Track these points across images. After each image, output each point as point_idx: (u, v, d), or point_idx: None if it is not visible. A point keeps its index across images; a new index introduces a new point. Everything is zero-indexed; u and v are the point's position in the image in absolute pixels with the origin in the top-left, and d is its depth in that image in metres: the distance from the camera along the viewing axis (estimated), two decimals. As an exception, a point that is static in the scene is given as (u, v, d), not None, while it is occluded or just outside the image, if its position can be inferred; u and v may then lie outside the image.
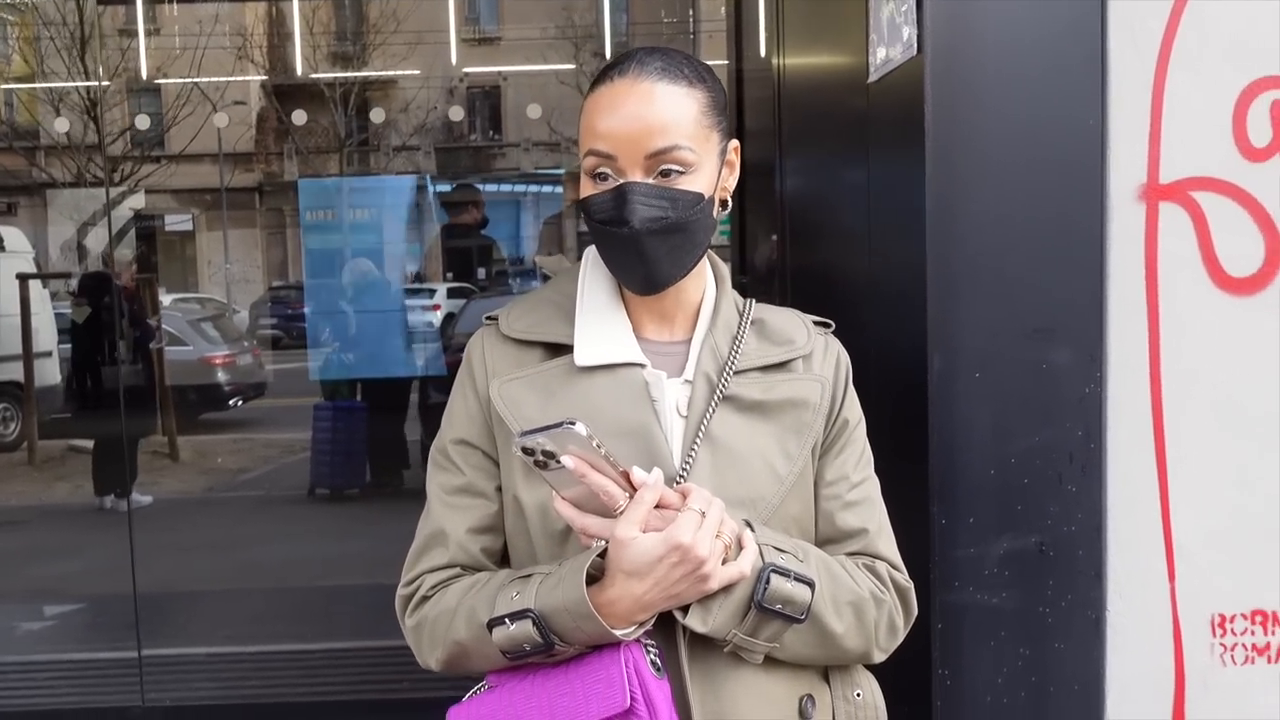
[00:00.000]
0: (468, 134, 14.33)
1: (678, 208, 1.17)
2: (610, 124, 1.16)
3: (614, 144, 1.16)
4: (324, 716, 3.27)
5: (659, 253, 1.17)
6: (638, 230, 1.15)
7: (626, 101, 1.16)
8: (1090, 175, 1.72)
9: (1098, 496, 1.76)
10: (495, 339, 1.27)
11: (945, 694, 1.76)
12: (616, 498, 1.09)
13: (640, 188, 1.15)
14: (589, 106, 1.19)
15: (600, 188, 1.18)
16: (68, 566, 5.01)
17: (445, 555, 1.24)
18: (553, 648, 1.12)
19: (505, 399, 1.21)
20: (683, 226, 1.18)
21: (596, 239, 1.22)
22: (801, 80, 2.56)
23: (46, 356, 7.72)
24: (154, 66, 9.76)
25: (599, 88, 1.19)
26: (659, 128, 1.15)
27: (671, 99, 1.16)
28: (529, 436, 1.06)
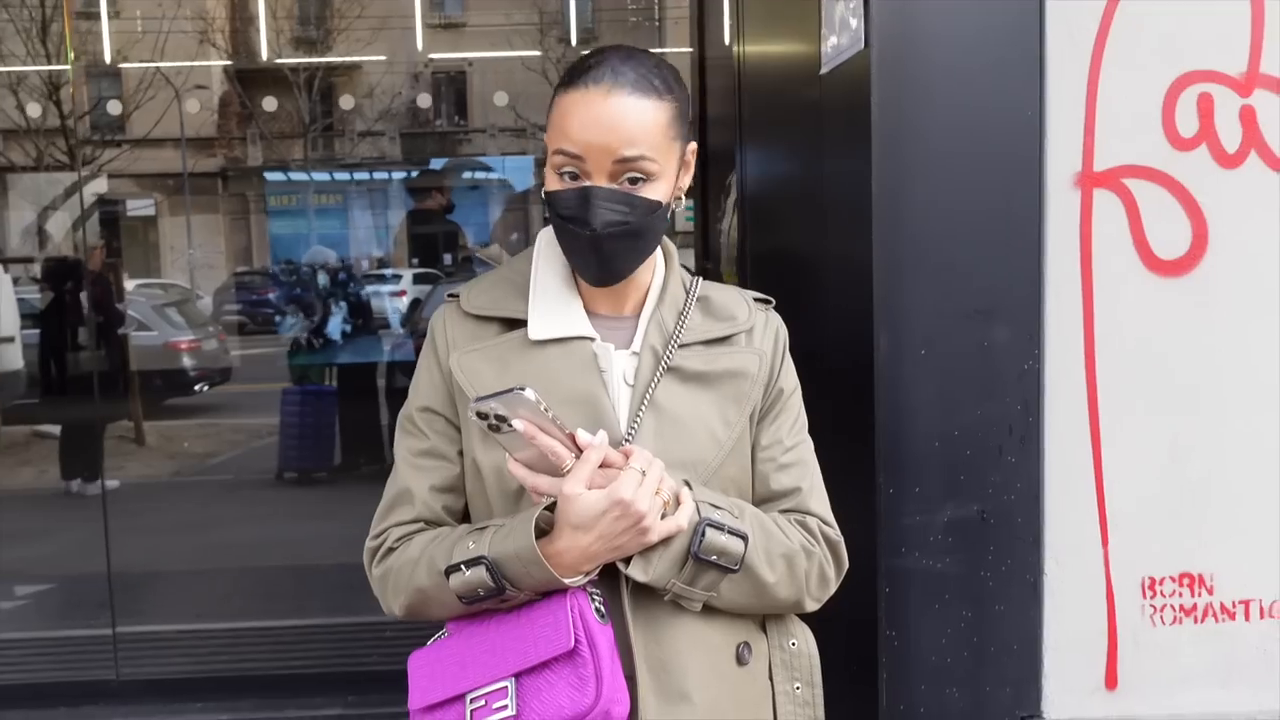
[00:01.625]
0: (433, 119, 14.27)
1: (636, 213, 1.25)
2: (582, 130, 1.23)
3: (584, 149, 1.23)
4: (294, 689, 3.32)
5: (615, 252, 1.26)
6: (598, 233, 1.23)
7: (599, 111, 1.23)
8: (1028, 164, 1.82)
9: (1036, 467, 1.86)
10: (456, 315, 1.36)
11: (892, 653, 1.86)
12: (564, 458, 1.18)
13: (603, 192, 1.23)
14: (562, 106, 1.26)
15: (566, 185, 1.26)
16: (38, 549, 5.02)
17: (411, 512, 1.33)
18: (504, 592, 1.21)
19: (464, 369, 1.30)
20: (639, 231, 1.27)
21: (558, 230, 1.30)
22: (760, 69, 2.64)
23: (9, 342, 7.67)
24: (116, 50, 9.65)
25: (572, 91, 1.25)
26: (627, 140, 1.23)
27: (642, 113, 1.24)
28: (483, 402, 1.15)
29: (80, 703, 3.29)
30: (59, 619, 4.20)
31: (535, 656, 1.19)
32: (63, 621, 4.12)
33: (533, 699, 1.18)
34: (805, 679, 1.38)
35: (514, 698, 1.19)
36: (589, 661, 1.18)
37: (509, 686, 1.20)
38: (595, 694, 1.16)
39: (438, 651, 1.27)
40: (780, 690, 1.36)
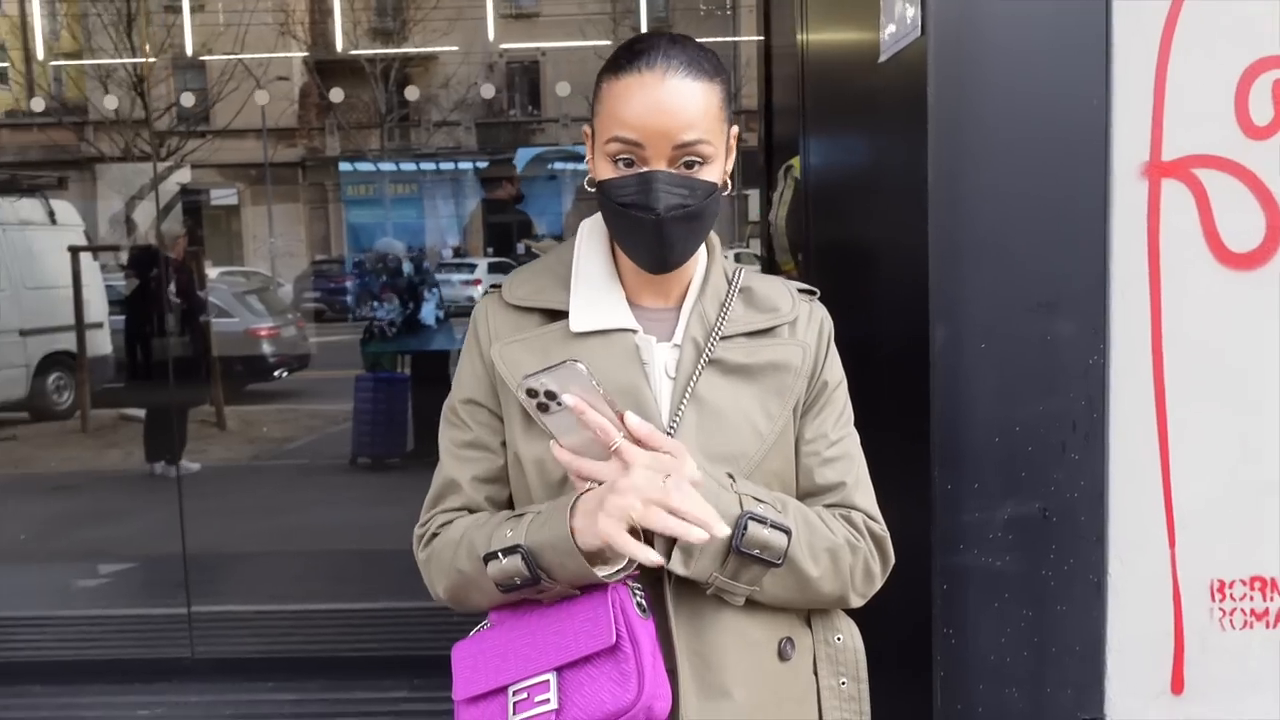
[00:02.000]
0: (507, 109, 14.36)
1: (696, 196, 1.24)
2: (640, 115, 1.22)
3: (643, 134, 1.22)
4: (361, 671, 3.39)
5: (676, 237, 1.25)
6: (662, 217, 1.22)
7: (657, 95, 1.22)
8: (1094, 153, 1.77)
9: (1100, 464, 1.82)
10: (498, 306, 1.36)
11: (949, 652, 1.83)
12: (612, 435, 1.17)
13: (664, 176, 1.23)
14: (614, 92, 1.25)
15: (622, 172, 1.25)
16: (120, 529, 5.19)
17: (457, 501, 1.34)
18: (539, 581, 1.21)
19: (505, 360, 1.30)
20: (699, 214, 1.26)
21: (615, 220, 1.28)
22: (823, 58, 2.60)
23: (98, 328, 7.91)
24: (200, 43, 9.87)
25: (624, 76, 1.24)
26: (686, 122, 1.22)
27: (697, 94, 1.23)
28: (533, 377, 1.15)
29: (155, 679, 3.39)
30: (138, 597, 4.33)
31: (577, 651, 1.19)
32: (141, 600, 4.24)
33: (575, 693, 1.19)
34: (851, 674, 1.37)
35: (556, 691, 1.19)
36: (631, 657, 1.17)
37: (551, 680, 1.20)
38: (637, 690, 1.16)
39: (480, 643, 1.28)
40: (825, 685, 1.35)
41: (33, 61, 10.66)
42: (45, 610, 3.98)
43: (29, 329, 7.65)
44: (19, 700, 3.33)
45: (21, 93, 11.44)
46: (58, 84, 12.32)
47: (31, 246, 7.80)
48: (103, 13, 10.20)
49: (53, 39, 12.34)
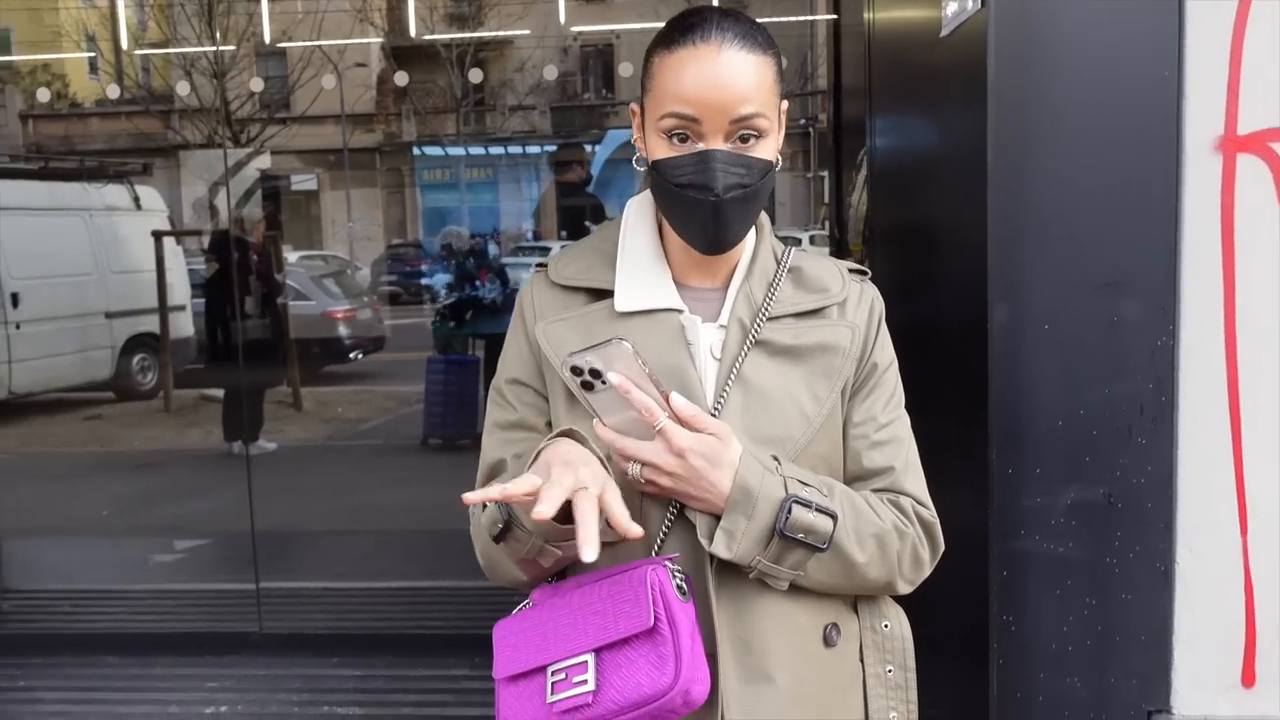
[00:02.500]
0: (580, 93, 14.39)
1: (754, 175, 1.22)
2: (696, 89, 1.19)
3: (699, 108, 1.19)
4: (425, 648, 3.43)
5: (733, 218, 1.23)
6: (721, 198, 1.20)
7: (713, 68, 1.19)
8: (1164, 128, 1.71)
9: (1168, 449, 1.77)
10: (543, 285, 1.35)
11: (1008, 639, 1.80)
12: (657, 415, 1.16)
13: (723, 155, 1.20)
14: (667, 66, 1.22)
15: (678, 150, 1.22)
16: (197, 506, 5.32)
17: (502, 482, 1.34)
18: (510, 527, 1.19)
19: (549, 339, 1.29)
20: (757, 194, 1.23)
21: (669, 201, 1.25)
22: (888, 36, 2.56)
23: (180, 310, 8.13)
24: (278, 30, 10.04)
25: (678, 49, 1.21)
26: (743, 95, 1.19)
27: (752, 67, 1.20)
28: (578, 355, 1.14)
29: (224, 653, 3.47)
30: (210, 573, 4.43)
31: (615, 632, 1.18)
32: (213, 575, 4.35)
33: (612, 674, 1.18)
34: (898, 662, 1.34)
35: (594, 673, 1.18)
36: (669, 640, 1.16)
37: (589, 661, 1.19)
38: (674, 673, 1.15)
39: (521, 621, 1.28)
40: (871, 673, 1.33)
41: (120, 52, 10.97)
42: (122, 584, 4.10)
43: (115, 311, 7.88)
44: (94, 670, 3.43)
45: (109, 82, 11.76)
46: (145, 73, 12.64)
47: (117, 231, 8.03)
48: (186, 3, 10.43)
49: (140, 30, 12.67)
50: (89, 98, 13.97)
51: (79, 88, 14.35)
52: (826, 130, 4.19)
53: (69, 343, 7.60)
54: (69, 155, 10.67)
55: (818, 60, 6.76)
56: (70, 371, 7.61)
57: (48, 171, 8.97)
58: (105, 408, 7.86)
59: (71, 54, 13.68)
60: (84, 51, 13.57)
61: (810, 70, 9.78)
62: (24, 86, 12.69)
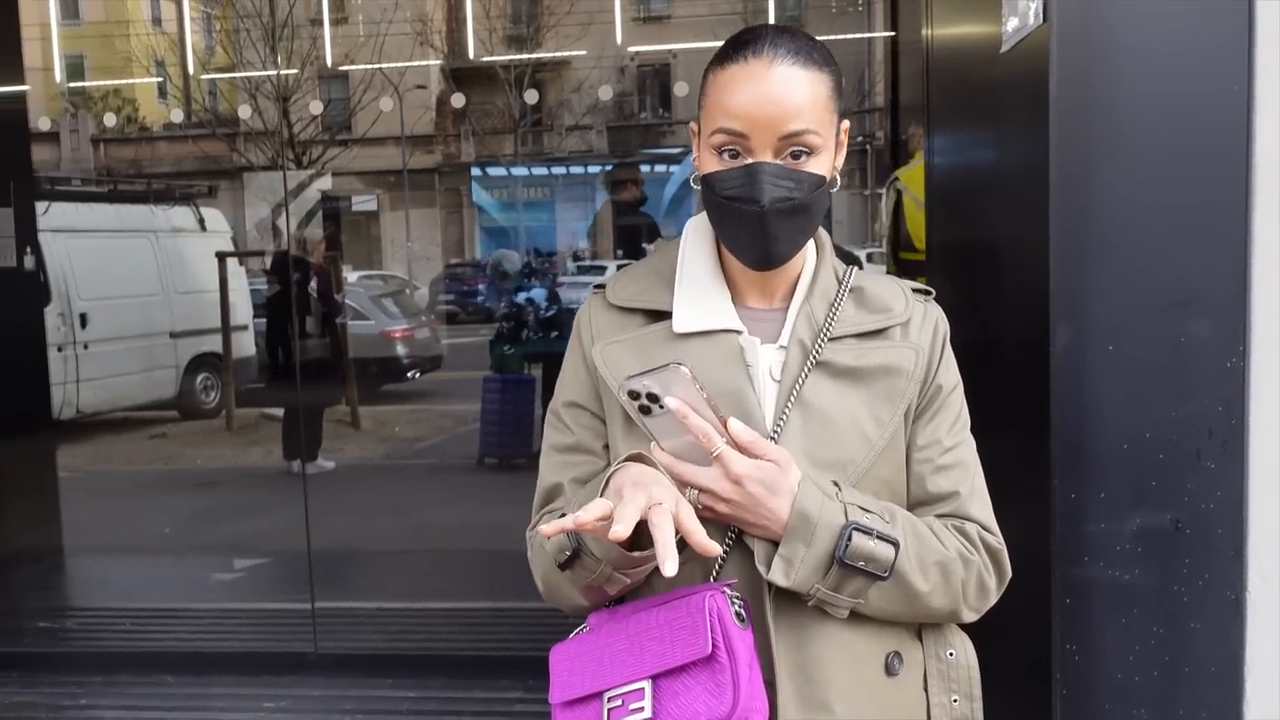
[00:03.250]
0: (638, 112, 14.45)
1: (802, 189, 1.20)
2: (745, 104, 1.19)
3: (748, 124, 1.19)
4: (480, 670, 3.43)
5: (781, 231, 1.21)
6: (765, 210, 1.19)
7: (763, 83, 1.19)
8: (1233, 143, 1.66)
9: (1239, 473, 1.71)
10: (601, 306, 1.34)
11: (1071, 668, 1.75)
12: (714, 441, 1.14)
13: (770, 168, 1.19)
14: (719, 82, 1.22)
15: (728, 165, 1.21)
16: (255, 525, 5.39)
17: (560, 505, 1.33)
18: (579, 554, 1.18)
19: (606, 360, 1.28)
20: (805, 207, 1.22)
21: (718, 214, 1.25)
22: (947, 53, 2.53)
23: (243, 330, 8.27)
24: (340, 54, 10.21)
25: (730, 66, 1.21)
26: (793, 111, 1.18)
27: (804, 83, 1.19)
28: (636, 379, 1.13)
29: (281, 673, 3.49)
30: (267, 592, 4.48)
31: (673, 660, 1.16)
32: (270, 594, 4.39)
33: (669, 702, 1.16)
34: (964, 691, 1.30)
35: (650, 700, 1.17)
36: (727, 668, 1.14)
37: (646, 688, 1.17)
38: (732, 702, 1.13)
39: (578, 646, 1.27)
40: (936, 703, 1.29)
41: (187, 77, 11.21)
42: (180, 602, 4.15)
43: (179, 331, 8.04)
44: (153, 689, 3.46)
45: (178, 105, 12.02)
46: (212, 97, 12.91)
47: (183, 253, 8.20)
48: (251, 29, 10.64)
49: (207, 55, 12.94)
50: (157, 122, 14.30)
51: (148, 112, 14.70)
52: (883, 148, 4.16)
53: (135, 362, 7.76)
54: (137, 178, 10.92)
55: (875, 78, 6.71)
56: (136, 391, 7.76)
57: (116, 194, 9.19)
58: (169, 426, 8.00)
59: (141, 79, 14.02)
60: (153, 77, 13.89)
61: (868, 88, 9.74)
62: (96, 111, 13.04)
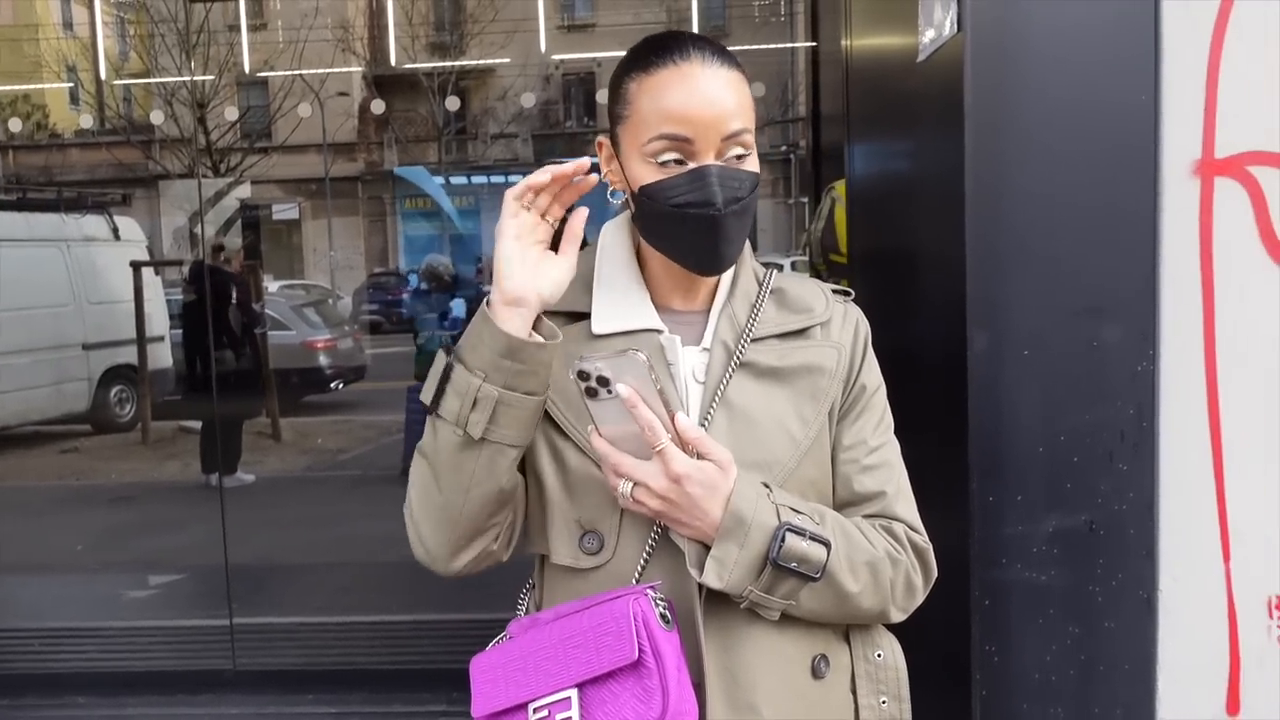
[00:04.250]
0: (563, 121, 14.42)
1: (747, 188, 1.20)
2: (687, 107, 1.17)
3: (692, 127, 1.17)
4: (402, 684, 3.38)
5: (733, 233, 1.20)
6: (723, 212, 1.17)
7: (701, 83, 1.17)
8: (1142, 152, 1.70)
9: (1150, 475, 1.75)
10: None
11: (990, 669, 1.77)
12: (659, 435, 1.12)
13: (720, 171, 1.18)
14: (648, 89, 1.19)
15: (672, 172, 1.19)
16: (172, 540, 5.25)
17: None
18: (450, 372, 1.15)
19: None
20: (750, 207, 1.22)
21: (663, 223, 1.22)
22: (866, 63, 2.56)
23: (159, 341, 8.06)
24: (259, 60, 10.05)
25: (658, 71, 1.19)
26: (734, 110, 1.18)
27: (736, 83, 1.20)
28: (589, 361, 1.10)
29: (198, 691, 3.40)
30: (184, 609, 4.36)
31: (598, 666, 1.15)
32: (186, 611, 4.28)
33: (596, 710, 1.14)
34: (892, 693, 1.31)
35: (578, 709, 1.15)
36: (654, 672, 1.13)
37: (573, 697, 1.16)
38: (661, 707, 1.11)
39: (499, 656, 1.24)
40: (864, 704, 1.29)
41: (100, 83, 10.94)
42: (92, 621, 4.02)
43: (92, 343, 7.81)
44: (63, 712, 3.35)
45: (90, 111, 11.72)
46: (126, 103, 12.60)
47: (95, 262, 7.97)
48: (166, 34, 10.41)
49: (121, 60, 12.64)
50: (69, 128, 13.92)
51: (59, 118, 14.31)
52: (806, 157, 4.20)
53: (45, 375, 7.52)
54: (48, 185, 10.62)
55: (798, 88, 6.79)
56: (46, 404, 7.52)
57: (25, 202, 8.92)
58: (82, 440, 7.77)
59: (51, 84, 13.65)
60: (64, 82, 13.54)
61: (790, 98, 9.83)
62: (3, 117, 12.64)
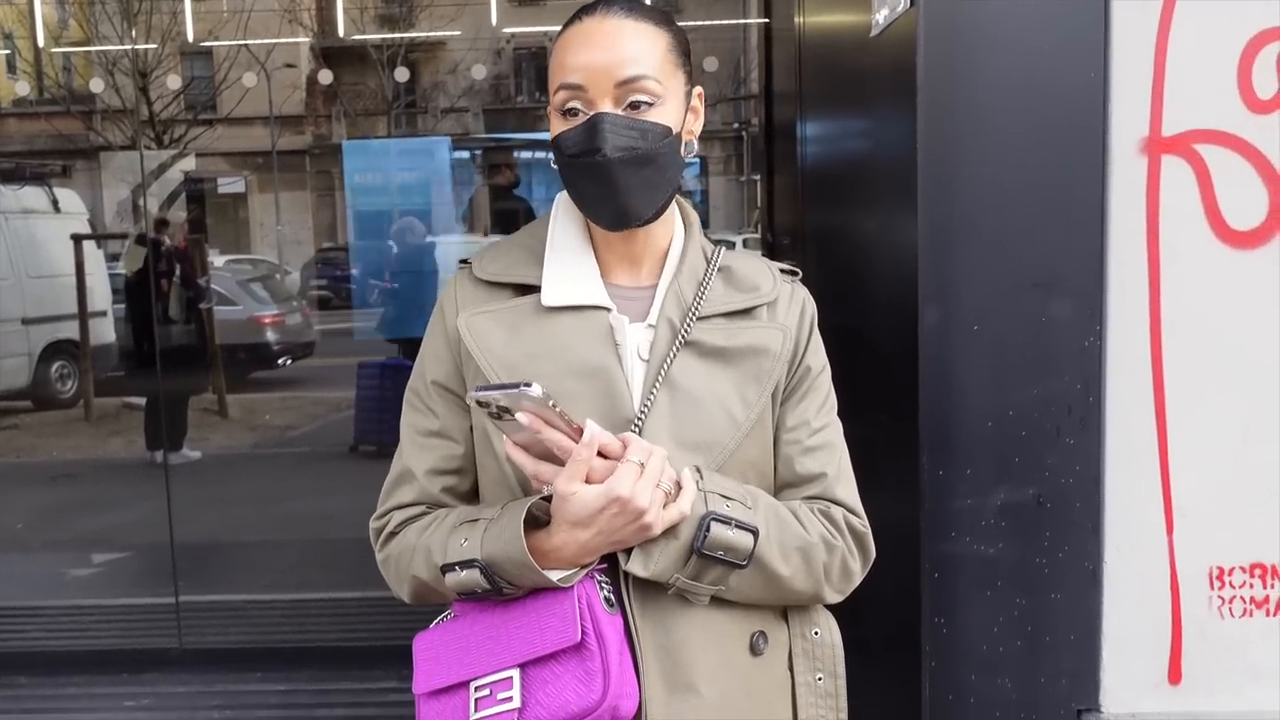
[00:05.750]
0: (514, 95, 14.29)
1: (647, 139, 1.19)
2: (580, 57, 1.19)
3: (584, 75, 1.18)
4: (352, 661, 3.36)
5: (630, 184, 1.19)
6: (610, 159, 1.17)
7: (596, 36, 1.19)
8: (1090, 129, 1.72)
9: (1096, 449, 1.77)
10: (467, 281, 1.31)
11: (939, 641, 1.79)
12: (569, 451, 1.12)
13: (611, 118, 1.18)
14: (559, 46, 1.22)
15: (571, 123, 1.20)
16: (117, 518, 5.17)
17: (411, 493, 1.30)
18: (502, 591, 1.17)
19: (472, 330, 1.25)
20: (652, 158, 1.20)
21: (568, 175, 1.23)
22: (819, 40, 2.56)
23: (101, 316, 7.90)
24: (204, 29, 9.84)
25: (568, 31, 1.22)
26: (629, 58, 1.18)
27: (638, 33, 1.20)
28: (485, 392, 1.09)
29: (142, 670, 3.36)
30: (129, 587, 4.30)
31: (541, 647, 1.15)
32: (131, 590, 4.22)
33: (538, 691, 1.14)
34: (828, 669, 1.32)
35: (519, 689, 1.15)
36: (596, 655, 1.13)
37: (514, 677, 1.16)
38: (602, 690, 1.12)
39: (442, 634, 1.24)
40: (801, 681, 1.30)
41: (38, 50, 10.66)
42: (33, 600, 3.96)
43: (32, 318, 7.64)
44: (3, 692, 3.30)
45: (27, 79, 11.43)
46: (66, 72, 12.30)
47: (35, 235, 7.79)
48: (108, 1, 10.16)
49: (60, 28, 12.33)
50: (5, 98, 13.57)
51: (-5, 87, 13.94)
52: (759, 134, 4.19)
53: (-17, 350, 7.37)
54: (-17, 157, 10.36)
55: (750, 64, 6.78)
56: (-16, 379, 7.37)
57: (-40, 174, 8.69)
58: (22, 417, 7.60)
59: (-15, 52, 13.31)
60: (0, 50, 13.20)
61: (743, 75, 9.82)
62: (-64, 86, 12.29)
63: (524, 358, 1.22)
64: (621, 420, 1.19)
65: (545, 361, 1.21)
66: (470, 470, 1.31)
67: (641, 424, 1.19)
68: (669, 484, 1.15)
